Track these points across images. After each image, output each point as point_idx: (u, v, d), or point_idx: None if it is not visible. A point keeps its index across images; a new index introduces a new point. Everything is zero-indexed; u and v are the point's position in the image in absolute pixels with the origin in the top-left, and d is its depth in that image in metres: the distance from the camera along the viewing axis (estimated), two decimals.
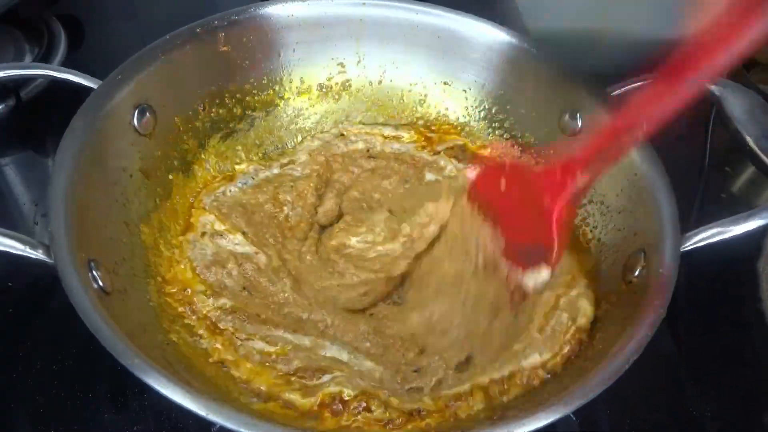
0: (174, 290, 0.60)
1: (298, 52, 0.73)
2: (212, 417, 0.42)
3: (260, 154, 0.73)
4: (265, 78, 0.72)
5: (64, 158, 0.54)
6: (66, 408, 0.56)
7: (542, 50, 0.69)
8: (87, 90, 0.60)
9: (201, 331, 0.58)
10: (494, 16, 0.72)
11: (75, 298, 0.46)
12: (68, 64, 0.80)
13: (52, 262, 0.48)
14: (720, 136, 0.86)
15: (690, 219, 0.55)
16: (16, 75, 0.62)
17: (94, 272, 0.50)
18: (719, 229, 0.53)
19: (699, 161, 0.80)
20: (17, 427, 0.55)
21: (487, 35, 0.72)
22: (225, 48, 0.68)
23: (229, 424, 0.41)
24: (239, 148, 0.72)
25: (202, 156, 0.69)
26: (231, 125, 0.71)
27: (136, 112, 0.61)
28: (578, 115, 0.67)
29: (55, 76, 0.61)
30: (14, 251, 0.48)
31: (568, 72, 0.67)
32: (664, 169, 0.59)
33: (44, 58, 0.80)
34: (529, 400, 0.52)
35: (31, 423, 0.55)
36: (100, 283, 0.50)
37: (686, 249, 0.53)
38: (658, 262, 0.53)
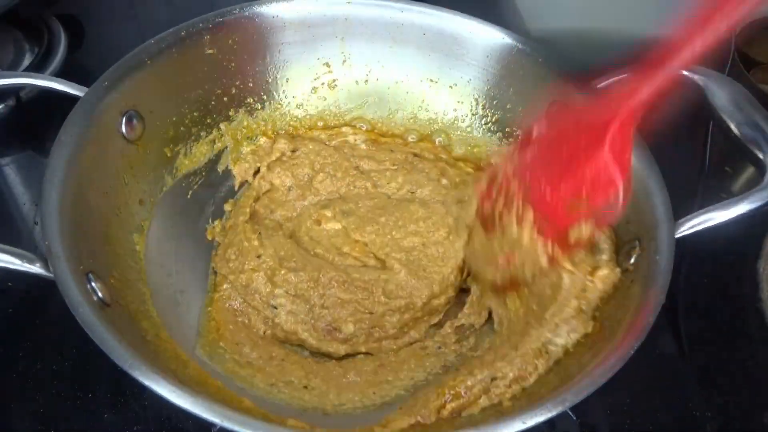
0: None
1: (284, 53, 0.73)
2: (227, 424, 0.42)
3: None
4: (251, 80, 0.72)
5: (54, 171, 0.53)
6: (66, 408, 0.56)
7: (529, 45, 0.69)
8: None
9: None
10: (494, 16, 0.72)
11: (78, 312, 0.45)
12: (68, 64, 0.80)
13: (51, 275, 0.47)
14: (720, 136, 0.86)
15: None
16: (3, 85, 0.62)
17: (93, 284, 0.50)
18: (714, 214, 0.53)
19: (699, 161, 0.80)
20: (17, 427, 0.55)
21: (474, 32, 0.71)
22: (211, 51, 0.68)
23: (244, 429, 0.42)
24: (227, 151, 0.72)
25: (191, 160, 0.69)
26: (219, 129, 0.71)
27: (124, 118, 0.61)
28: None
29: (44, 86, 0.61)
30: (12, 266, 0.48)
31: (554, 66, 0.67)
32: (653, 158, 0.59)
33: (44, 59, 0.80)
34: (532, 393, 0.52)
35: (31, 423, 0.55)
36: (100, 295, 0.50)
37: (681, 235, 0.53)
38: (653, 249, 0.53)
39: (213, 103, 0.70)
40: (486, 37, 0.71)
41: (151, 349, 0.52)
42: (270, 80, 0.74)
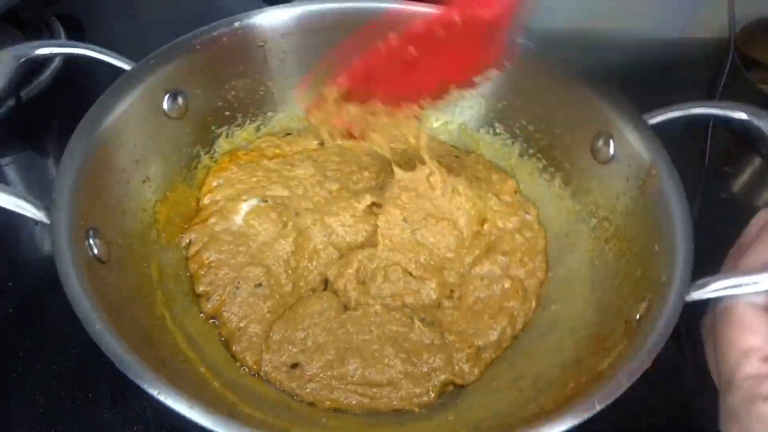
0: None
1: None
2: (169, 400, 0.42)
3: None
4: (299, 77, 0.72)
5: (86, 127, 0.55)
6: (66, 408, 0.56)
7: (570, 67, 0.66)
8: (87, 89, 0.59)
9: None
10: None
11: (59, 261, 0.47)
12: (68, 63, 0.80)
13: (48, 222, 0.49)
14: (720, 136, 0.86)
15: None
16: (52, 53, 0.62)
17: (92, 240, 0.51)
18: (733, 281, 0.47)
19: (699, 161, 0.80)
20: (17, 427, 0.55)
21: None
22: (262, 43, 0.68)
23: (203, 422, 0.42)
24: (267, 137, 0.73)
25: (231, 143, 0.70)
26: (263, 116, 0.72)
27: (168, 96, 0.63)
28: (611, 141, 0.62)
29: (91, 56, 0.62)
30: (16, 209, 0.49)
31: (599, 92, 0.64)
32: (689, 210, 0.55)
33: (44, 58, 0.80)
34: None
35: (31, 423, 0.55)
36: (95, 252, 0.51)
37: (692, 300, 0.50)
38: (659, 308, 0.50)
39: (261, 92, 0.71)
40: (525, 60, 0.69)
41: (137, 315, 0.53)
42: (318, 78, 0.73)
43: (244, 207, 0.65)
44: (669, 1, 0.98)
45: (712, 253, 0.54)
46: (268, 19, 0.67)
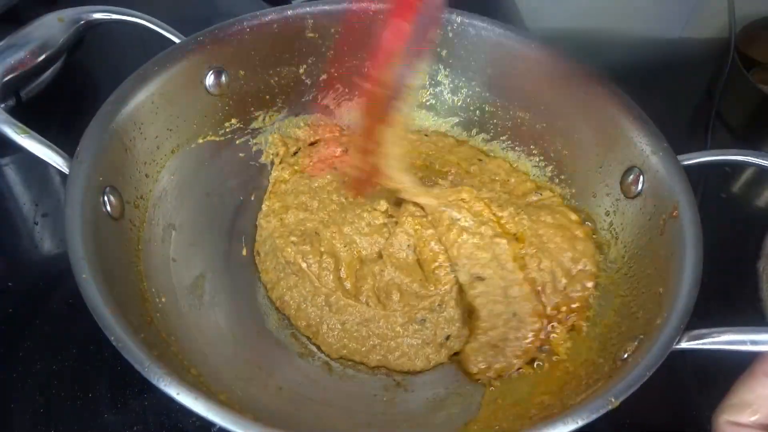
0: None
1: None
2: (149, 373, 0.42)
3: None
4: (345, 71, 0.72)
5: (124, 91, 0.57)
6: (66, 408, 0.56)
7: (614, 96, 0.64)
8: (87, 89, 0.59)
9: None
10: (495, 17, 0.72)
11: (66, 209, 0.48)
12: (68, 64, 0.80)
13: (67, 172, 0.51)
14: (720, 136, 0.86)
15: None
16: (109, 18, 0.64)
17: (107, 197, 0.52)
18: (731, 337, 0.47)
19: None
20: (17, 427, 0.55)
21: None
22: (312, 35, 0.69)
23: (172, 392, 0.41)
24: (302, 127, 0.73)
25: (266, 129, 0.71)
26: (302, 104, 0.73)
27: (210, 73, 0.64)
28: (642, 176, 0.61)
29: (145, 25, 0.65)
30: (42, 156, 0.51)
31: (638, 125, 0.62)
32: (701, 259, 0.53)
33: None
34: None
35: (31, 423, 0.55)
36: (109, 208, 0.52)
37: (680, 348, 0.48)
38: (646, 350, 0.49)
39: (305, 79, 0.71)
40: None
41: (134, 273, 0.54)
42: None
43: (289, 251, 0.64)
44: (669, 1, 0.98)
45: (712, 253, 0.54)
46: (320, 13, 0.68)
